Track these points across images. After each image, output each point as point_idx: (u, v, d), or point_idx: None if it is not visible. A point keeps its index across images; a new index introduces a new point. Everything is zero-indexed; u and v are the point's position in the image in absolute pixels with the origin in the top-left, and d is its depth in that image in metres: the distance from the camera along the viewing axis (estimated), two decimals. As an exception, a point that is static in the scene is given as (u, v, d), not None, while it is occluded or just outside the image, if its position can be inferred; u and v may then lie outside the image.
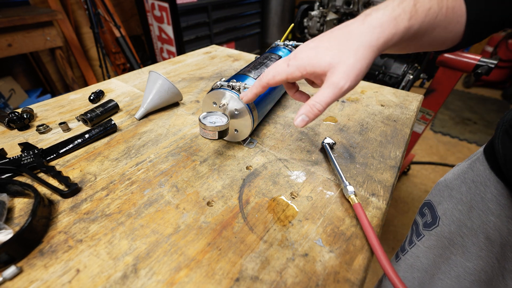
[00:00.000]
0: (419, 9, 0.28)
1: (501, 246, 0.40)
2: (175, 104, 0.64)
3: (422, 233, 0.51)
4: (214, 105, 0.47)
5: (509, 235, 0.39)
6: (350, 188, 0.38)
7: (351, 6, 1.18)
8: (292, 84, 0.38)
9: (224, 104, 0.45)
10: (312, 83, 0.38)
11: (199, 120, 0.42)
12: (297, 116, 0.31)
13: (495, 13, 0.30)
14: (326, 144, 0.48)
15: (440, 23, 0.30)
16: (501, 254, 0.40)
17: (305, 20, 1.35)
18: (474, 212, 0.42)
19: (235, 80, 0.46)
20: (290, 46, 0.64)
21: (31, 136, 0.52)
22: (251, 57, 0.96)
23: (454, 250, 0.45)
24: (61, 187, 0.39)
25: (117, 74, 2.33)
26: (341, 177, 0.40)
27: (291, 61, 0.32)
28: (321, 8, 1.29)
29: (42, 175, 0.42)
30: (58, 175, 0.40)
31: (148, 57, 2.61)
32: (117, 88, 0.72)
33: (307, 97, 0.38)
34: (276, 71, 0.33)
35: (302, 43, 0.38)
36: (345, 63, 0.28)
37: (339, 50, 0.29)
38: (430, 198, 0.53)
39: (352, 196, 0.37)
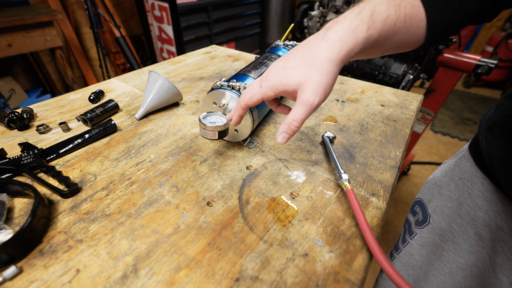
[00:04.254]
0: (376, 19, 0.30)
1: (491, 241, 0.41)
2: (175, 104, 0.64)
3: (414, 231, 0.52)
4: (214, 105, 0.47)
5: (498, 230, 0.40)
6: (345, 176, 0.38)
7: (351, 6, 1.18)
8: (272, 101, 0.40)
9: (224, 104, 0.45)
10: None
11: (199, 120, 0.42)
12: (278, 134, 0.33)
13: (453, 15, 0.31)
14: (326, 138, 0.49)
15: (400, 29, 0.31)
16: (491, 249, 0.41)
17: (305, 20, 1.35)
18: (463, 208, 0.43)
19: (235, 80, 0.46)
20: (290, 46, 0.64)
21: (31, 136, 0.52)
22: (251, 57, 0.96)
23: (446, 247, 0.46)
24: (61, 187, 0.39)
25: (117, 74, 2.33)
26: (337, 166, 0.41)
27: (263, 83, 0.34)
28: (321, 8, 1.29)
29: (42, 175, 0.42)
30: (58, 175, 0.40)
31: (148, 57, 2.61)
32: (117, 88, 0.72)
33: (288, 109, 0.39)
34: (252, 93, 0.35)
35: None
36: (312, 81, 0.30)
37: (305, 68, 0.30)
38: (420, 196, 0.54)
39: (346, 183, 0.37)
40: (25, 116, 0.54)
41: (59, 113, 0.60)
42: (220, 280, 0.29)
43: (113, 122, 0.53)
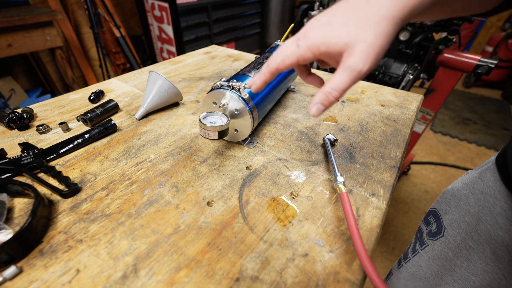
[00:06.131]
0: None
1: (509, 263, 0.38)
2: (175, 104, 0.64)
3: (426, 242, 0.50)
4: (214, 105, 0.47)
5: None
6: (340, 179, 0.38)
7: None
8: (304, 67, 0.35)
9: (224, 104, 0.45)
10: (322, 62, 0.34)
11: (199, 120, 0.42)
12: (312, 105, 0.28)
13: None
14: (327, 140, 0.48)
15: None
16: (508, 272, 0.38)
17: (305, 20, 1.35)
18: (482, 225, 0.40)
19: (235, 80, 0.46)
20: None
21: (31, 136, 0.52)
22: (251, 57, 0.96)
23: (458, 263, 0.43)
24: (61, 187, 0.39)
25: (117, 74, 2.33)
26: (334, 169, 0.40)
27: (301, 41, 0.28)
28: (321, 8, 1.29)
29: (42, 175, 0.42)
30: (58, 175, 0.40)
31: (148, 57, 2.61)
32: (117, 88, 0.72)
33: (320, 80, 0.34)
34: (285, 54, 0.29)
35: None
36: (363, 42, 0.24)
37: (357, 25, 0.25)
38: (436, 207, 0.51)
39: (340, 186, 0.36)
40: (25, 116, 0.54)
41: (59, 113, 0.60)
42: (220, 280, 0.29)
43: (113, 122, 0.53)
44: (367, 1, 0.25)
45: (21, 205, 0.37)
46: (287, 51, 0.29)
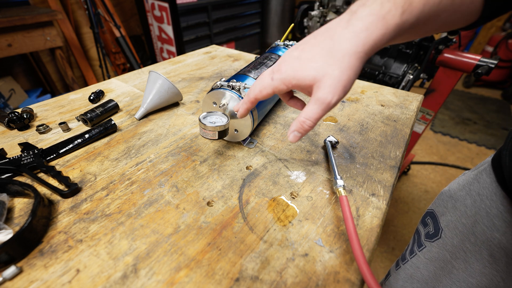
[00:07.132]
0: (414, 0, 0.25)
1: (506, 265, 0.38)
2: (175, 104, 0.64)
3: (423, 243, 0.50)
4: (214, 105, 0.47)
5: None
6: (340, 182, 0.37)
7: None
8: (285, 93, 0.37)
9: (224, 104, 0.45)
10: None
11: (199, 120, 0.42)
12: (289, 133, 0.31)
13: None
14: (328, 142, 0.48)
15: (446, 8, 0.26)
16: (506, 273, 0.38)
17: (305, 20, 1.35)
18: (479, 227, 0.40)
19: (235, 80, 0.46)
20: (290, 46, 0.64)
21: (31, 136, 0.52)
22: (251, 57, 0.96)
23: (456, 264, 0.43)
24: (61, 187, 0.39)
25: (117, 74, 2.33)
26: (334, 172, 0.40)
27: (275, 74, 0.31)
28: (321, 8, 1.29)
29: (42, 175, 0.42)
30: (58, 175, 0.40)
31: (148, 57, 2.61)
32: (117, 88, 0.72)
33: (302, 103, 0.37)
34: (262, 85, 0.32)
35: None
36: (330, 76, 0.27)
37: (323, 61, 0.27)
38: (433, 208, 0.51)
39: (340, 189, 0.36)
40: (25, 116, 0.54)
41: (59, 113, 0.60)
42: (220, 280, 0.29)
43: (113, 122, 0.53)
44: (330, 37, 0.27)
45: (21, 205, 0.37)
46: (264, 82, 0.32)
